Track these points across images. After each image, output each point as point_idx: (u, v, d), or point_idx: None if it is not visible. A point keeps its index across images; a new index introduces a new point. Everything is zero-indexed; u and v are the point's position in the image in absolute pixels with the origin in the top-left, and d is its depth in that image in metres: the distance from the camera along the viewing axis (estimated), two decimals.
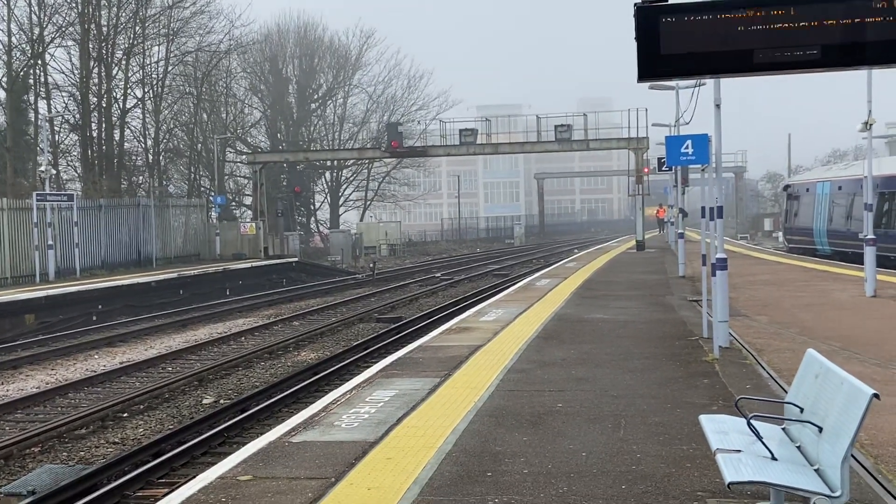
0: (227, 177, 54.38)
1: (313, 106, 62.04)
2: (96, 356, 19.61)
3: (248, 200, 54.51)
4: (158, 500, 7.14)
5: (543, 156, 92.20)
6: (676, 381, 10.45)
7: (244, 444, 9.42)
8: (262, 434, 9.26)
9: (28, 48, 39.61)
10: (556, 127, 44.60)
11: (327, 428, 8.51)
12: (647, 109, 43.75)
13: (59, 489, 9.44)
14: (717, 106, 12.95)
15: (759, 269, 29.61)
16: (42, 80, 40.41)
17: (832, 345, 12.93)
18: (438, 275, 40.54)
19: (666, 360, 11.93)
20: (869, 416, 5.00)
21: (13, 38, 38.97)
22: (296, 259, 44.27)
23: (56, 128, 40.57)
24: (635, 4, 6.08)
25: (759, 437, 5.42)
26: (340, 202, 63.74)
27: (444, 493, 6.47)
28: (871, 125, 20.10)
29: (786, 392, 7.31)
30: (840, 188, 35.19)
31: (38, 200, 30.29)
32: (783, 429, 5.98)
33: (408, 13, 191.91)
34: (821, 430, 5.27)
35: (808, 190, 40.01)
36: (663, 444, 7.63)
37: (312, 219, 62.39)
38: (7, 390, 15.89)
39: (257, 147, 56.32)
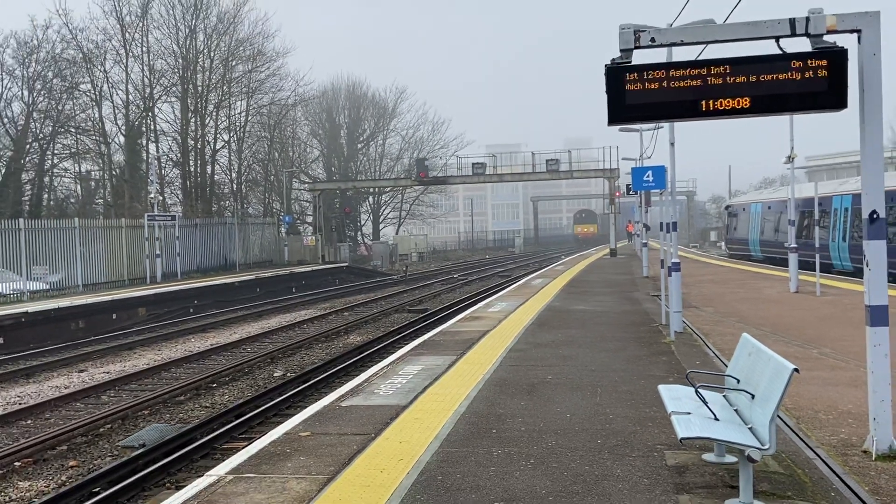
0: (293, 201, 54.49)
1: (359, 146, 62.17)
2: (192, 340, 19.73)
3: (309, 219, 54.62)
4: (239, 451, 7.15)
5: (538, 183, 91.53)
6: (641, 358, 10.38)
7: (305, 407, 9.43)
8: (318, 400, 9.25)
9: (141, 104, 40.07)
10: (547, 161, 44.84)
11: (369, 395, 8.50)
12: (618, 147, 44.74)
13: (164, 442, 9.50)
14: (672, 144, 12.96)
15: (705, 271, 29.38)
16: (152, 127, 40.90)
17: (763, 329, 12.81)
18: (456, 276, 40.46)
19: (633, 342, 11.85)
20: (792, 385, 4.94)
21: (130, 96, 39.54)
22: (346, 264, 44.30)
23: (162, 164, 40.99)
24: (606, 65, 6.08)
25: (705, 402, 5.37)
26: (380, 219, 63.91)
27: (459, 446, 6.44)
28: (793, 158, 20.01)
29: (726, 367, 7.23)
30: (769, 208, 34.87)
31: (148, 220, 30.65)
32: (724, 396, 5.91)
33: (433, 74, 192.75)
34: (753, 396, 5.21)
35: (744, 209, 39.65)
36: (630, 408, 7.57)
37: (359, 233, 62.47)
38: (124, 366, 16.02)
39: (316, 178, 56.52)
